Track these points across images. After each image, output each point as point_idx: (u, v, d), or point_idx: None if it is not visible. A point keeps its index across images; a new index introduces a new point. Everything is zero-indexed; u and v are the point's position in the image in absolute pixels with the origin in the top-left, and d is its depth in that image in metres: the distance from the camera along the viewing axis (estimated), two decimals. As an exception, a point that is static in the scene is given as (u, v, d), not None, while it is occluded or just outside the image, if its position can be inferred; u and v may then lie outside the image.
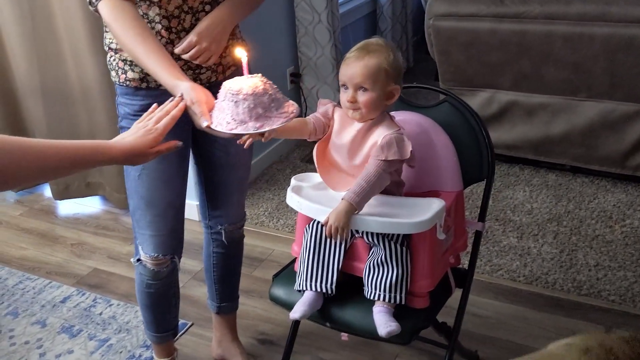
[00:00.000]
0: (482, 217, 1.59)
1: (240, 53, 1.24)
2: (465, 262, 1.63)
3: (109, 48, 1.50)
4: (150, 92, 1.49)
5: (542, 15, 2.61)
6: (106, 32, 1.50)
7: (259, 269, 2.38)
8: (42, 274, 2.44)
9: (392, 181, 1.37)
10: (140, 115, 1.48)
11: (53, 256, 2.56)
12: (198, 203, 1.81)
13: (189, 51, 1.41)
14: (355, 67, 1.32)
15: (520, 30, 2.64)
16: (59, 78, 2.66)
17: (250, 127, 1.19)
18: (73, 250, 2.59)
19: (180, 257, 1.68)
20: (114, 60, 1.50)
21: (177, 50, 1.42)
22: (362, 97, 1.33)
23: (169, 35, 1.43)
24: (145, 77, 1.47)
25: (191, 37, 1.41)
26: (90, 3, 1.39)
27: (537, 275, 2.24)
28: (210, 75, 1.52)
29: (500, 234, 2.49)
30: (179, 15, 1.42)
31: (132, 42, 1.33)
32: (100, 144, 1.16)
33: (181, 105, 1.26)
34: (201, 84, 1.47)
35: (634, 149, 2.65)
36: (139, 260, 1.64)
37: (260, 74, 1.26)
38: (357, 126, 1.37)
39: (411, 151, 1.32)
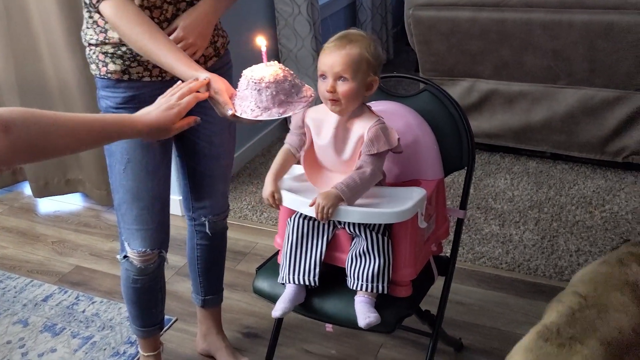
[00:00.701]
0: (463, 205, 1.60)
1: (261, 42, 1.26)
2: (447, 250, 1.64)
3: (89, 44, 1.48)
4: (132, 83, 1.47)
5: (521, 3, 2.62)
6: (87, 28, 1.48)
7: (242, 263, 2.37)
8: (23, 272, 2.41)
9: None
10: (123, 108, 1.49)
11: (34, 254, 2.53)
12: (181, 197, 1.80)
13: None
14: (336, 55, 1.30)
15: (500, 18, 2.65)
16: (36, 75, 2.62)
17: (275, 113, 1.23)
18: (54, 248, 2.56)
19: (166, 252, 1.67)
20: (94, 53, 1.48)
21: None
22: (342, 87, 1.31)
23: None
24: (127, 69, 1.46)
25: (177, 32, 1.41)
26: (91, 4, 1.37)
27: (519, 262, 2.26)
28: None
29: (482, 222, 2.50)
30: (161, 6, 1.41)
31: (141, 40, 1.34)
32: (125, 118, 1.22)
33: (204, 93, 1.29)
34: None
35: (613, 134, 2.68)
36: (125, 257, 1.62)
37: (276, 61, 1.30)
38: (334, 121, 1.36)
39: (398, 138, 1.32)
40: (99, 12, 1.39)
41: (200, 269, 1.85)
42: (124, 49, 1.43)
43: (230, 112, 1.27)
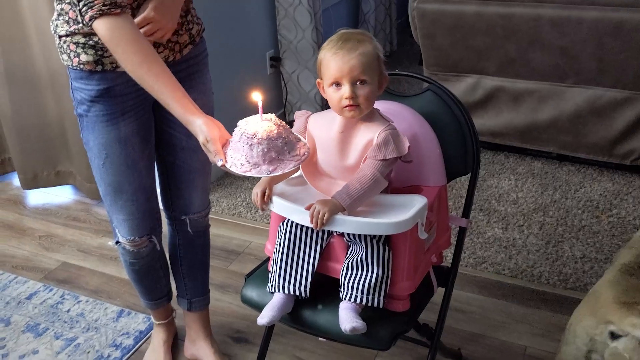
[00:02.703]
0: (466, 213, 1.51)
1: (257, 97, 1.23)
2: (447, 258, 1.55)
3: (59, 36, 1.39)
4: (106, 74, 1.39)
5: (530, -2, 2.52)
6: (57, 18, 1.39)
7: (235, 263, 2.29)
8: (8, 268, 2.33)
9: None
10: (98, 102, 1.42)
11: (20, 249, 2.45)
12: (159, 192, 1.72)
13: (144, 26, 1.33)
14: (351, 58, 1.22)
15: (506, 13, 2.55)
16: (25, 63, 2.53)
17: (264, 171, 1.20)
18: (41, 242, 2.48)
19: (159, 235, 1.66)
20: (65, 43, 1.39)
21: None
22: (363, 91, 1.24)
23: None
24: (99, 59, 1.37)
25: (147, 12, 1.32)
26: (83, 22, 1.27)
27: (522, 268, 2.17)
28: (168, 54, 1.44)
29: (485, 224, 2.42)
30: None
31: (138, 70, 1.27)
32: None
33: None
34: None
35: (622, 136, 2.59)
36: (117, 242, 1.63)
37: (273, 115, 1.25)
38: (340, 125, 1.29)
39: (408, 146, 1.24)
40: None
41: (184, 270, 1.79)
42: (95, 38, 1.35)
43: (220, 163, 1.23)
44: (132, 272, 1.70)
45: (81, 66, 1.39)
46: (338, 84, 1.25)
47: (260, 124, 1.21)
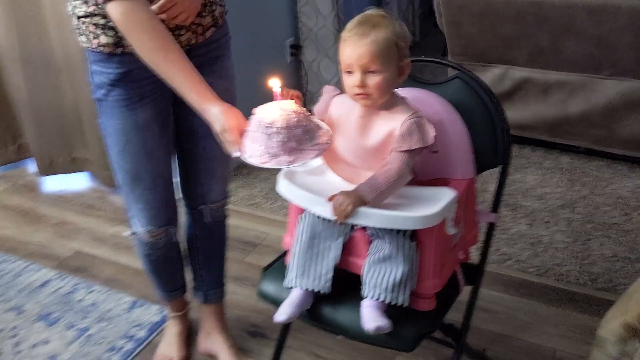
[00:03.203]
0: (495, 208, 1.43)
1: (274, 83, 1.15)
2: (473, 255, 1.47)
3: (77, 17, 1.34)
4: (126, 57, 1.33)
5: (563, -16, 2.42)
6: None
7: (252, 255, 2.23)
8: (22, 255, 2.30)
9: None
10: (117, 86, 1.36)
11: (34, 236, 2.41)
12: (178, 181, 1.66)
13: (167, 9, 1.26)
14: (361, 46, 1.15)
15: (538, 0, 2.44)
16: (41, 46, 2.48)
17: (283, 162, 1.13)
18: (56, 230, 2.45)
19: (176, 226, 1.61)
20: (83, 24, 1.34)
21: (154, 7, 1.26)
22: (373, 80, 1.16)
23: None
24: (120, 40, 1.32)
25: None
26: (96, 4, 1.22)
27: (549, 267, 2.08)
28: (190, 36, 1.38)
29: (510, 220, 2.33)
30: None
31: (154, 56, 1.21)
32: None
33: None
34: (180, 46, 1.33)
35: (656, 131, 2.48)
36: (134, 233, 1.58)
37: (293, 101, 1.17)
38: (360, 111, 1.22)
39: (434, 136, 1.16)
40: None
41: (201, 261, 1.73)
42: None
43: (237, 154, 1.17)
44: (147, 263, 1.65)
45: (101, 48, 1.33)
46: (350, 71, 1.18)
47: (278, 112, 1.14)
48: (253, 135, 1.15)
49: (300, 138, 1.14)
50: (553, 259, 2.12)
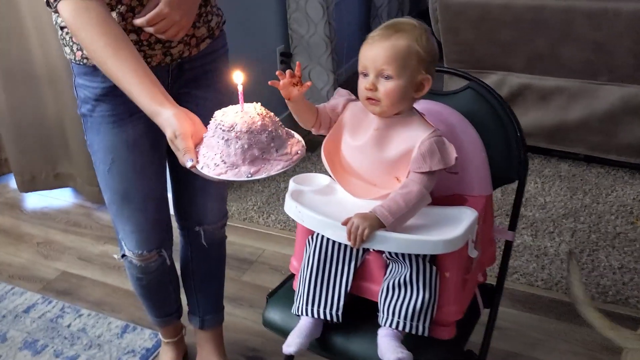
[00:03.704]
0: (512, 225, 1.36)
1: (237, 78, 1.01)
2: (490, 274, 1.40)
3: (60, 27, 1.25)
4: None
5: (562, -11, 2.37)
6: None
7: (248, 273, 2.13)
8: (4, 278, 2.18)
9: None
10: (103, 101, 1.26)
11: (17, 257, 2.29)
12: (171, 201, 1.56)
13: (157, 23, 1.16)
14: (378, 48, 1.08)
15: (536, 5, 2.40)
16: (22, 57, 2.37)
17: (243, 173, 0.99)
18: (39, 250, 2.33)
19: (170, 249, 1.50)
20: (67, 34, 1.25)
21: (140, 21, 1.17)
22: (385, 86, 1.09)
23: (131, 2, 1.19)
24: None
25: (161, 7, 1.16)
26: (48, 3, 1.13)
27: (557, 280, 2.02)
28: (183, 49, 1.29)
29: (513, 231, 2.26)
30: None
31: (104, 55, 1.10)
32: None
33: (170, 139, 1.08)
34: (172, 59, 1.27)
35: (657, 137, 2.43)
36: (124, 255, 1.48)
37: (259, 103, 1.03)
38: (375, 123, 1.13)
39: (456, 157, 1.10)
40: (57, 13, 1.14)
41: (197, 285, 1.64)
42: None
43: (190, 164, 1.03)
44: (139, 287, 1.56)
45: (85, 60, 1.24)
46: (366, 74, 1.11)
47: (239, 115, 1.00)
48: (209, 142, 1.01)
49: (265, 146, 1.00)
50: (560, 272, 2.05)
